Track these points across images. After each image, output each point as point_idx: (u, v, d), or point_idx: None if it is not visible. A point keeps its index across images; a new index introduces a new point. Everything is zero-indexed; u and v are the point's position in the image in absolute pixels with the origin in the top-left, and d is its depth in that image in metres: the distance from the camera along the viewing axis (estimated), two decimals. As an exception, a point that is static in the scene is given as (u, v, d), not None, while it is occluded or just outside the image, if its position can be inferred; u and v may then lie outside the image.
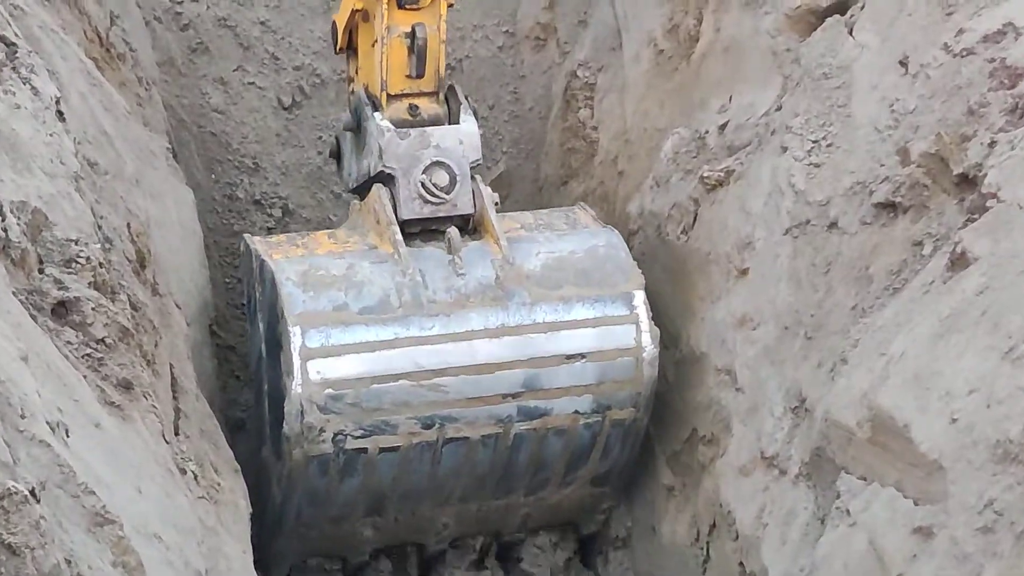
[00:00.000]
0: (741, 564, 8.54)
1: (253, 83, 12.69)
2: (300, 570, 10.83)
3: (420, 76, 10.15)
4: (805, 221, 8.49)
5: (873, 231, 7.97)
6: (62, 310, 6.92)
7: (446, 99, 10.42)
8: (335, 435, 9.67)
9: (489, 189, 10.38)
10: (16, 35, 7.76)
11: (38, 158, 7.33)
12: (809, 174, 8.56)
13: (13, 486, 5.07)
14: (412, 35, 9.88)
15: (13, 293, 6.48)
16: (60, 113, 7.76)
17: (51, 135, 7.59)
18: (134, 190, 8.88)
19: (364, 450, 9.86)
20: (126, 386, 7.12)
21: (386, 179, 10.16)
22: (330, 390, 9.66)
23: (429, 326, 9.96)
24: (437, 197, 10.04)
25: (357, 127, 10.39)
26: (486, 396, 10.02)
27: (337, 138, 10.92)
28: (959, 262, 7.07)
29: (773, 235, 8.76)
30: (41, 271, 6.91)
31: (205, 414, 8.67)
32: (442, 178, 10.06)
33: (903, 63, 8.20)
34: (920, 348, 6.98)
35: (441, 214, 10.18)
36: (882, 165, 8.02)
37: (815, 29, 9.02)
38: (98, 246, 7.41)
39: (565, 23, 12.34)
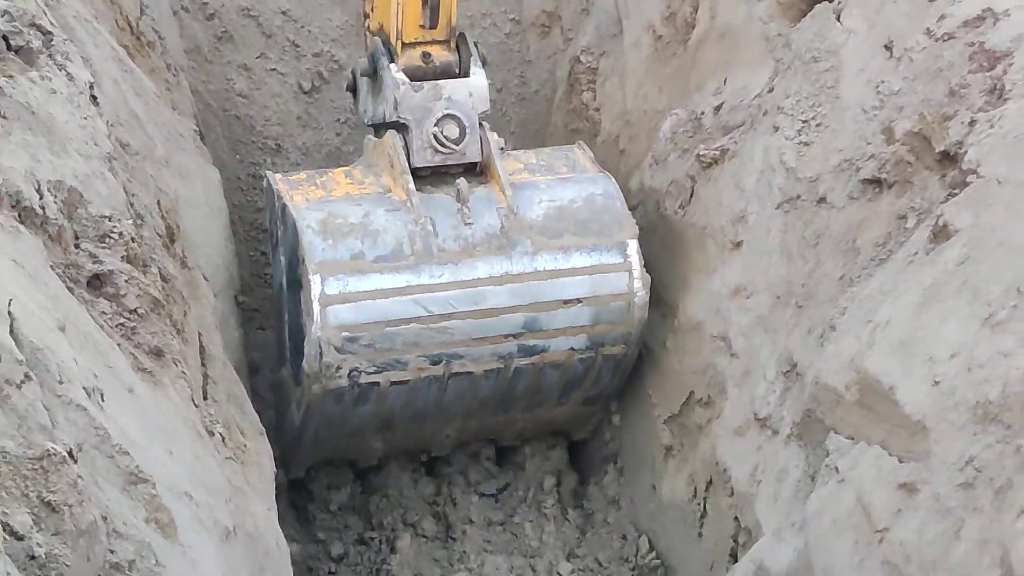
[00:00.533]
0: (736, 519, 8.56)
1: (275, 69, 12.71)
2: (316, 471, 11.14)
3: (433, 27, 10.26)
4: (795, 196, 8.49)
5: (860, 206, 7.97)
6: (97, 282, 6.94)
7: (457, 47, 10.50)
8: (350, 371, 10.06)
9: (495, 135, 10.49)
10: (51, 24, 7.75)
11: (73, 140, 7.33)
12: (799, 152, 8.55)
13: (52, 447, 5.08)
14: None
15: (51, 267, 6.50)
16: (94, 97, 7.76)
17: (85, 118, 7.59)
18: (164, 170, 8.89)
19: (376, 384, 10.25)
20: (157, 353, 7.14)
21: (400, 127, 10.29)
22: (347, 333, 9.94)
23: (439, 274, 10.17)
24: (447, 147, 10.22)
25: (373, 73, 10.45)
26: (489, 336, 10.35)
27: (353, 71, 10.96)
28: (941, 234, 7.06)
29: (765, 210, 8.76)
30: (77, 246, 6.92)
31: (232, 380, 8.68)
32: (452, 130, 10.22)
33: (888, 47, 8.19)
34: (904, 316, 6.97)
35: (451, 162, 10.39)
36: (868, 143, 8.01)
37: (805, 15, 9.01)
38: (130, 222, 7.43)
39: (568, 11, 12.32)
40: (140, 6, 10.73)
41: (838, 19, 8.70)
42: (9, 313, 5.43)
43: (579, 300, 10.38)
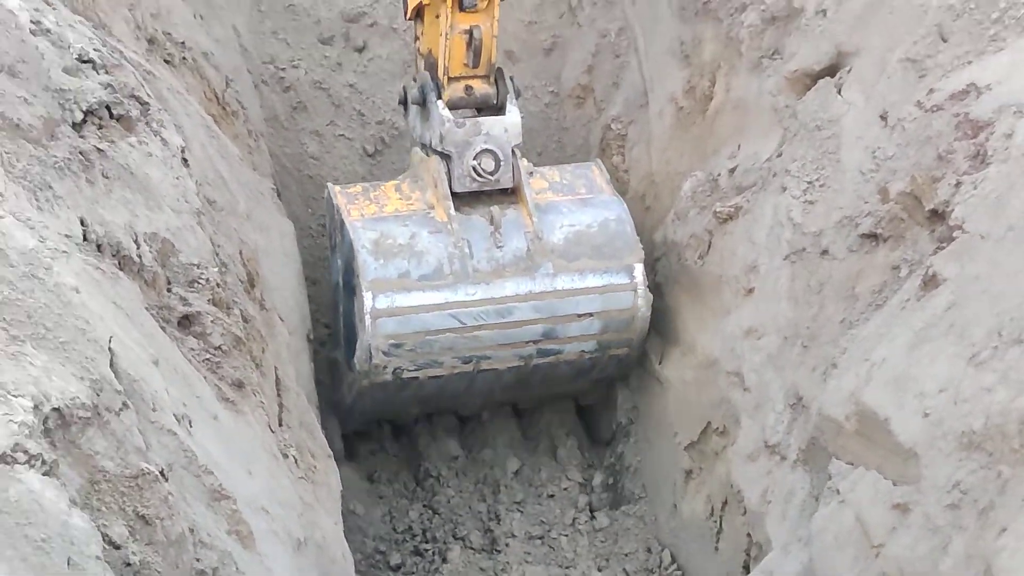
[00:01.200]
0: (749, 535, 8.54)
1: (343, 135, 12.76)
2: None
3: (475, 67, 10.45)
4: (801, 249, 8.48)
5: (858, 257, 7.96)
6: (186, 322, 7.00)
7: (495, 80, 10.65)
8: (394, 370, 10.66)
9: (525, 161, 10.77)
10: (148, 95, 7.81)
11: (166, 197, 7.38)
12: (805, 210, 8.55)
13: (146, 467, 5.10)
14: (470, 33, 10.09)
15: (146, 308, 6.54)
16: (184, 160, 7.83)
17: (177, 178, 7.65)
18: (245, 224, 8.94)
19: (416, 378, 10.87)
20: (238, 385, 7.18)
21: (444, 156, 10.57)
22: (392, 341, 10.46)
23: (472, 292, 10.59)
24: (484, 177, 10.54)
25: (423, 102, 10.64)
26: (513, 343, 10.89)
27: (404, 89, 11.10)
28: (930, 283, 7.06)
29: (774, 260, 8.76)
30: (169, 290, 6.98)
31: (304, 408, 8.72)
32: (489, 163, 10.53)
33: (883, 117, 8.18)
34: (898, 355, 6.97)
35: (487, 188, 10.71)
36: (866, 202, 8.01)
37: (809, 89, 9.01)
38: (216, 269, 7.49)
39: (600, 85, 12.33)
40: (225, 80, 10.77)
41: (839, 92, 8.71)
42: (110, 349, 5.48)
43: (591, 314, 10.81)
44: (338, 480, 8.50)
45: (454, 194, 10.65)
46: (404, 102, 11.12)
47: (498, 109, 10.69)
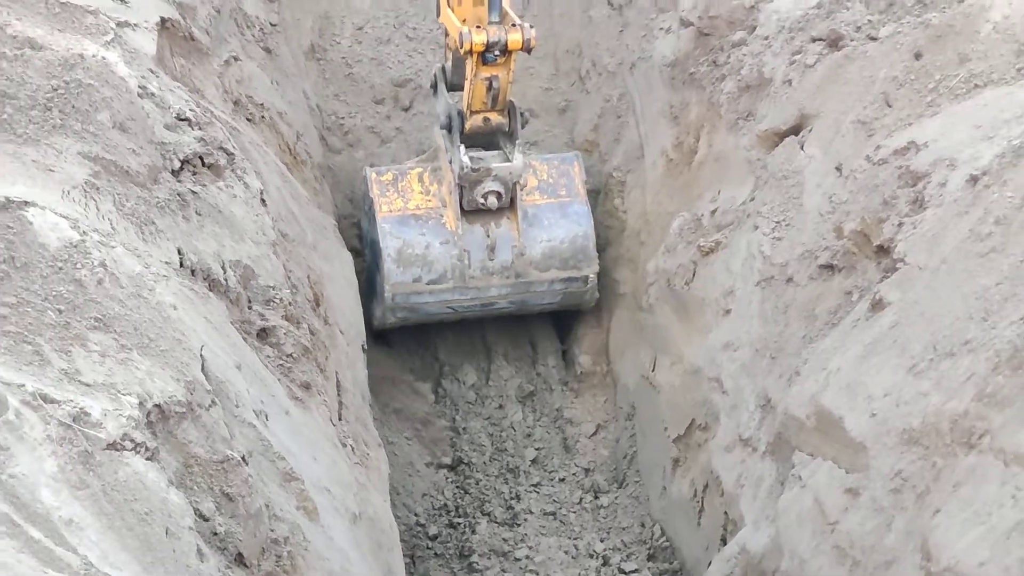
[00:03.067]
0: (725, 513, 8.53)
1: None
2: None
3: (493, 107, 10.61)
4: (770, 277, 8.48)
5: (817, 284, 7.96)
6: (263, 334, 7.06)
7: (508, 112, 10.81)
8: (403, 324, 11.99)
9: (521, 182, 11.27)
10: (233, 147, 7.86)
11: (248, 231, 7.43)
12: (773, 244, 8.55)
13: (230, 454, 5.13)
14: (490, 81, 10.18)
15: (231, 323, 6.57)
16: (263, 200, 7.88)
17: (257, 215, 7.69)
18: (312, 253, 8.98)
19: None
20: (306, 386, 7.24)
21: (459, 184, 11.03)
22: (401, 315, 11.67)
23: (466, 293, 11.51)
24: (487, 207, 11.06)
25: (450, 129, 10.86)
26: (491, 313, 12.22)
27: (435, 75, 11.40)
28: (877, 306, 7.06)
29: (748, 286, 8.76)
30: (249, 307, 7.03)
31: (359, 405, 8.75)
32: (493, 201, 11.01)
33: (838, 168, 8.19)
34: (850, 365, 6.96)
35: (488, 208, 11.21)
36: (824, 239, 8.01)
37: (777, 145, 9.02)
38: (288, 291, 7.55)
39: (605, 140, 12.36)
40: (296, 135, 10.77)
41: (801, 148, 8.71)
42: (201, 356, 5.52)
43: (553, 302, 12.10)
44: (387, 465, 8.53)
45: (463, 207, 11.19)
46: (435, 86, 11.35)
47: (509, 135, 10.91)
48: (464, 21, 9.91)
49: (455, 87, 10.85)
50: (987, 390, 5.86)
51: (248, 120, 9.39)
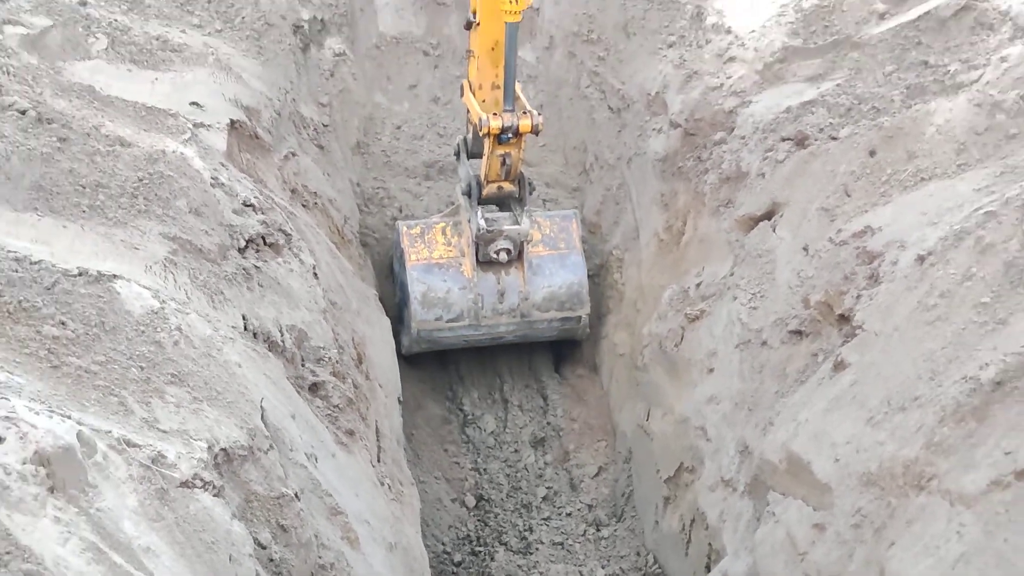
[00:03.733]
0: (709, 544, 8.47)
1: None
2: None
3: (506, 179, 10.84)
4: (747, 340, 8.48)
5: (788, 347, 7.96)
6: (314, 388, 7.12)
7: (518, 182, 11.01)
8: (424, 351, 12.04)
9: (528, 236, 11.41)
10: (290, 229, 7.96)
11: (302, 300, 7.49)
12: (750, 313, 8.56)
13: (285, 491, 5.13)
14: (503, 158, 10.42)
15: (287, 378, 6.59)
16: (315, 274, 7.95)
17: (310, 287, 7.75)
18: (356, 319, 9.03)
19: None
20: (350, 433, 7.26)
21: (476, 241, 11.20)
22: (424, 346, 11.83)
23: (480, 330, 11.73)
24: (499, 260, 11.31)
25: (470, 194, 11.15)
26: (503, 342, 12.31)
27: (458, 144, 11.40)
28: (839, 366, 7.06)
29: (728, 348, 8.76)
30: (303, 365, 7.06)
31: (395, 449, 8.76)
32: (504, 256, 11.26)
33: (805, 248, 8.21)
34: (816, 417, 6.94)
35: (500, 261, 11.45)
36: (793, 308, 8.01)
37: (753, 228, 9.06)
38: (335, 351, 7.60)
39: (606, 223, 12.41)
40: (344, 217, 10.87)
41: (774, 231, 8.74)
42: (261, 406, 5.54)
43: (551, 336, 12.29)
44: (418, 501, 8.51)
45: (479, 259, 11.36)
46: (458, 154, 11.38)
47: (519, 200, 11.19)
48: (484, 101, 10.06)
49: (474, 155, 10.94)
50: (934, 440, 5.84)
51: (303, 206, 9.49)
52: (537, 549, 10.22)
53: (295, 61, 11.55)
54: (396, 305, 11.72)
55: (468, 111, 10.57)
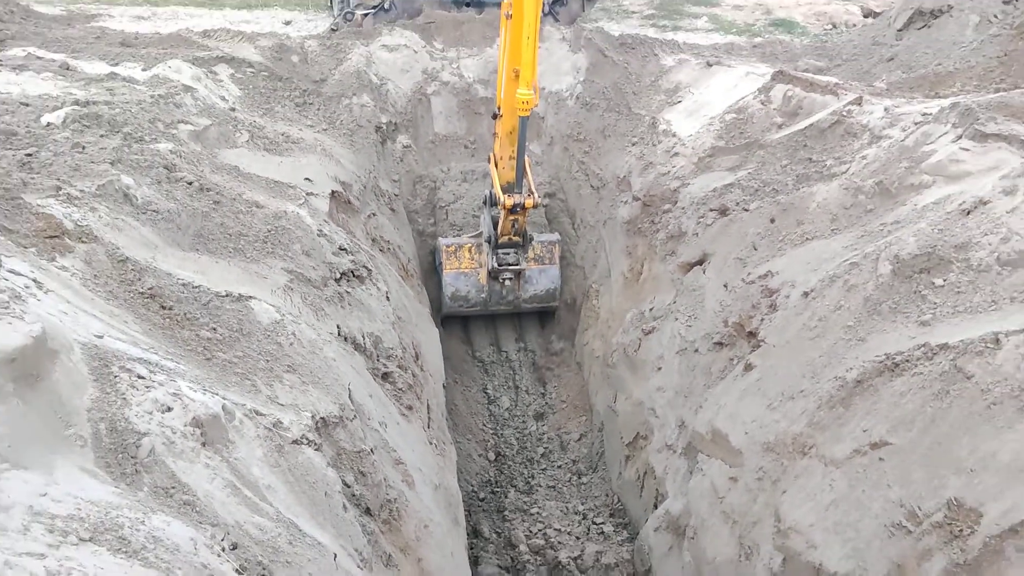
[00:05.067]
0: (656, 490, 8.41)
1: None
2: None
3: (516, 235, 11.02)
4: (684, 349, 8.45)
5: (713, 354, 7.93)
6: (385, 376, 7.12)
7: (523, 236, 11.15)
8: (452, 313, 12.13)
9: (524, 269, 11.71)
10: (371, 267, 7.97)
11: (378, 315, 7.49)
12: (686, 329, 8.53)
13: (363, 447, 5.11)
14: (515, 221, 10.58)
15: (367, 369, 6.59)
16: (387, 297, 7.98)
17: (383, 306, 7.78)
18: (415, 329, 9.03)
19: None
20: (409, 407, 7.25)
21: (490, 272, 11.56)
22: (448, 314, 12.01)
23: (485, 313, 12.17)
24: (509, 284, 11.71)
25: (489, 241, 11.27)
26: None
27: (485, 196, 11.36)
28: (748, 368, 7.03)
29: (671, 354, 8.73)
30: (377, 360, 7.05)
31: (440, 420, 8.72)
32: (508, 283, 11.67)
33: (725, 285, 8.19)
34: (732, 402, 6.92)
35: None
36: (716, 327, 7.98)
37: (689, 271, 9.04)
38: (400, 350, 7.62)
39: (588, 265, 12.38)
40: (408, 259, 10.85)
41: (704, 272, 8.72)
42: (348, 388, 5.53)
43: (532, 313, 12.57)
44: (455, 455, 8.46)
45: (491, 273, 11.57)
46: (484, 203, 11.43)
47: (523, 247, 11.37)
48: (503, 169, 10.30)
49: (494, 204, 10.94)
50: (814, 420, 5.82)
51: (380, 250, 9.53)
52: (537, 490, 10.18)
53: (376, 150, 11.63)
54: (437, 288, 12.10)
55: (492, 178, 10.63)
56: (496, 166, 10.30)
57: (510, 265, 11.36)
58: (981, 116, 7.18)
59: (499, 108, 9.85)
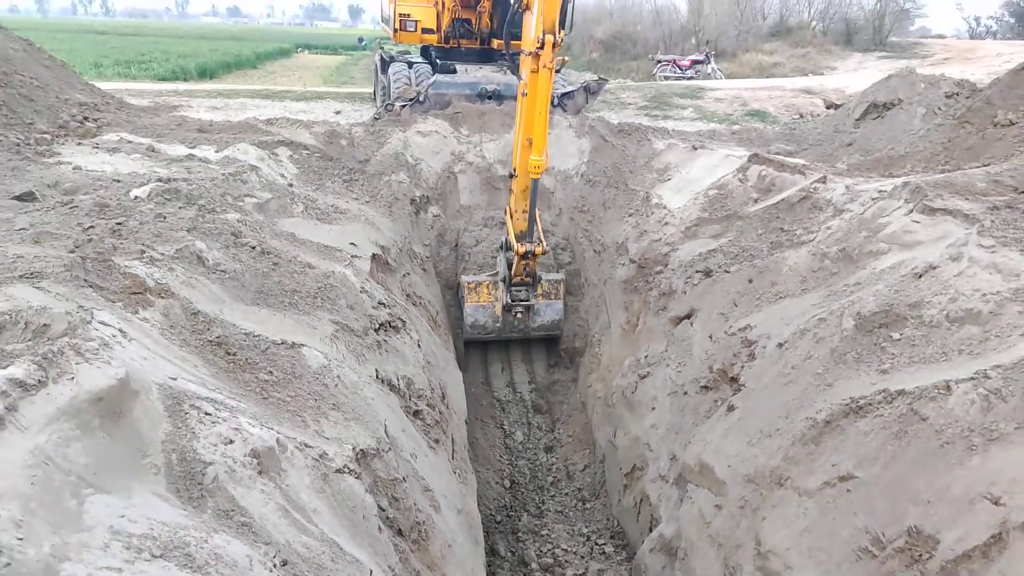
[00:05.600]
0: (651, 516, 8.23)
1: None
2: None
3: (527, 277, 10.94)
4: (676, 391, 8.36)
5: (701, 396, 7.83)
6: (416, 413, 7.01)
7: (534, 277, 11.08)
8: (472, 338, 11.88)
9: (533, 304, 11.56)
10: (405, 318, 7.95)
11: (410, 359, 7.46)
12: (677, 374, 8.45)
13: (396, 475, 5.05)
14: (526, 265, 10.60)
15: (400, 407, 6.54)
16: (419, 344, 7.91)
17: (415, 352, 7.72)
18: (442, 372, 8.97)
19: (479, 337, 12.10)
20: (436, 440, 7.17)
21: (504, 307, 11.38)
22: (469, 338, 11.84)
23: (499, 339, 12.04)
24: (520, 311, 11.44)
25: (504, 281, 11.16)
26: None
27: (501, 242, 11.32)
28: (730, 409, 6.93)
29: (664, 395, 8.63)
30: (409, 399, 6.98)
31: (463, 451, 8.59)
32: (519, 316, 11.57)
33: (711, 336, 8.13)
34: (717, 439, 6.81)
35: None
36: (703, 373, 7.89)
37: (679, 324, 9.00)
38: (429, 391, 7.54)
39: (591, 318, 12.32)
40: (436, 311, 10.84)
41: (691, 325, 8.67)
42: (384, 424, 5.49)
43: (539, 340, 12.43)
44: (475, 483, 8.34)
45: (504, 309, 11.50)
46: (501, 247, 11.44)
47: (532, 287, 11.31)
48: (516, 220, 10.36)
49: (508, 249, 10.98)
50: (788, 455, 5.72)
51: (413, 304, 9.56)
52: (546, 514, 10.00)
53: (411, 220, 11.75)
54: (459, 318, 12.09)
55: (507, 228, 10.80)
56: (511, 217, 10.48)
57: (521, 301, 11.43)
58: (930, 193, 7.20)
59: (514, 170, 10.08)
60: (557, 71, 11.43)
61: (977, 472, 4.36)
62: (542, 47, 8.13)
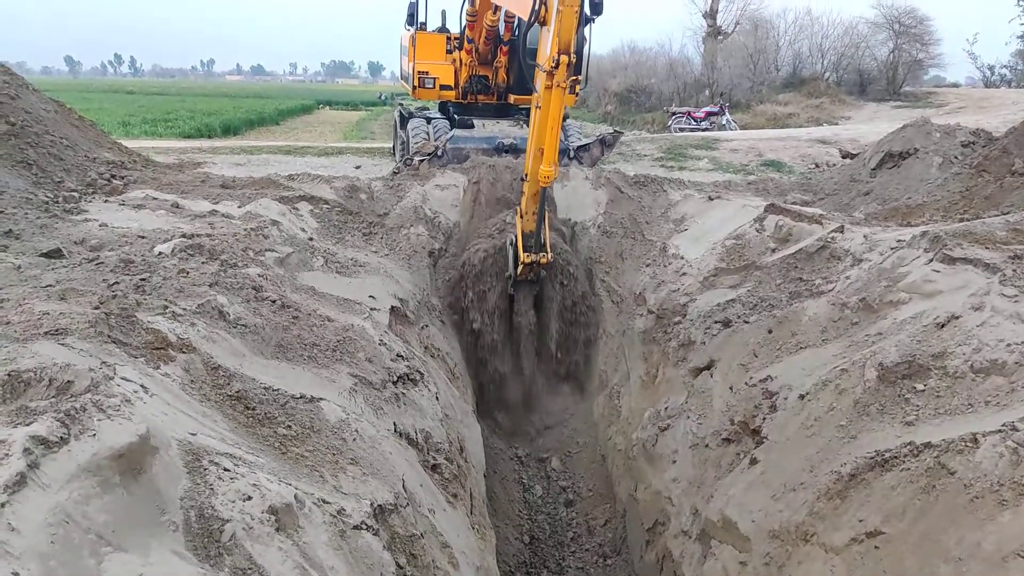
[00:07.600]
0: (674, 572, 8.05)
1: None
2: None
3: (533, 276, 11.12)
4: (697, 444, 8.25)
5: (722, 449, 7.73)
6: (434, 467, 6.98)
7: (538, 275, 11.30)
8: None
9: None
10: (423, 371, 7.95)
11: (429, 413, 7.43)
12: (697, 426, 8.35)
13: (415, 531, 5.00)
14: (531, 268, 10.97)
15: (419, 461, 6.50)
16: (437, 397, 7.90)
17: (433, 405, 7.69)
18: (460, 425, 8.92)
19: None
20: (455, 495, 7.10)
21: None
22: None
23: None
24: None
25: (508, 277, 11.30)
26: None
27: (509, 240, 11.42)
28: (753, 462, 6.83)
29: (685, 448, 8.52)
30: (427, 453, 6.95)
31: (482, 506, 8.48)
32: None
33: (731, 388, 8.06)
34: (740, 494, 6.70)
35: None
36: (724, 425, 7.81)
37: (699, 375, 8.93)
38: (447, 444, 7.50)
39: (610, 370, 12.26)
40: (455, 364, 10.80)
41: (711, 376, 8.61)
42: (403, 479, 5.47)
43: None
44: (494, 539, 8.21)
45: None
46: (510, 244, 11.45)
47: (537, 283, 11.56)
48: (526, 220, 10.67)
49: (515, 262, 11.22)
50: (814, 510, 5.62)
51: (431, 356, 9.57)
52: (567, 571, 9.81)
53: (429, 272, 11.84)
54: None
55: (516, 228, 11.08)
56: (521, 218, 10.87)
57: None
58: (949, 242, 7.18)
59: (526, 174, 10.51)
60: (573, 93, 11.87)
61: (1009, 528, 4.25)
62: (557, 67, 8.32)
